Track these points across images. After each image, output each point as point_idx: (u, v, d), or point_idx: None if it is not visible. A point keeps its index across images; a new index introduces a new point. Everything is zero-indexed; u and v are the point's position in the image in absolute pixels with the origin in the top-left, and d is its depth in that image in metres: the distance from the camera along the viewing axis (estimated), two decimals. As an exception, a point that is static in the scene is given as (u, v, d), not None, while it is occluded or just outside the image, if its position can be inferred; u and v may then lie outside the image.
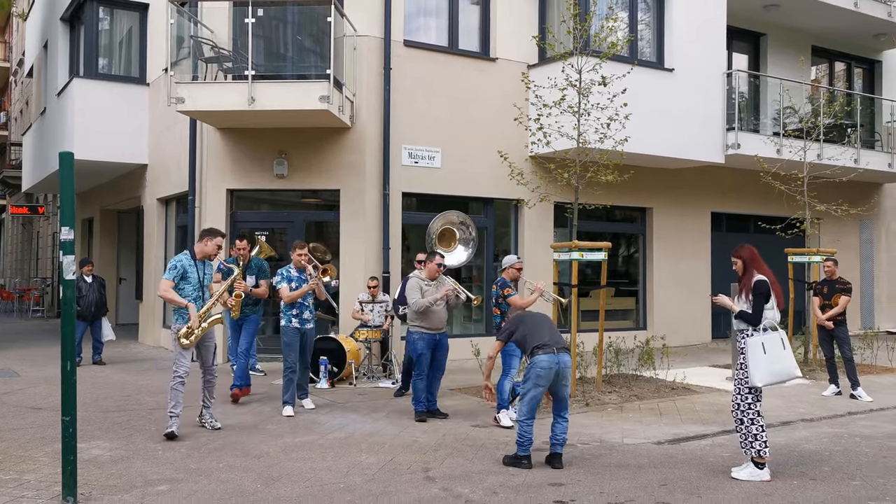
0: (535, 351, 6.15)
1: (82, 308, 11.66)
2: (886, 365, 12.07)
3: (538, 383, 6.09)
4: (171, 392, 7.11)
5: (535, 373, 6.09)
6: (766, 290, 5.96)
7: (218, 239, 7.34)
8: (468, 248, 9.41)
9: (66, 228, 5.24)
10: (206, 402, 7.50)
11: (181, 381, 7.13)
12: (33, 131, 19.21)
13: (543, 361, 6.09)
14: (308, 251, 8.43)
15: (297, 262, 8.31)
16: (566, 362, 6.17)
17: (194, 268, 7.23)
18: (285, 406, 8.11)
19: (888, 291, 18.86)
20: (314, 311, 8.59)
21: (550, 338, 6.24)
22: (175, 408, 7.11)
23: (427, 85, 12.59)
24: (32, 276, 28.94)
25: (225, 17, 11.64)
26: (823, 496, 5.51)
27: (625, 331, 13.52)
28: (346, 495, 5.44)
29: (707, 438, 7.31)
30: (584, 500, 5.39)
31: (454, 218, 9.43)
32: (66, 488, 5.18)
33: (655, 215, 15.07)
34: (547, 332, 6.31)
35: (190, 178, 12.61)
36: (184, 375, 7.13)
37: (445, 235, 9.27)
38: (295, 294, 8.17)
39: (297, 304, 8.22)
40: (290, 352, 8.18)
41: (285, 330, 8.24)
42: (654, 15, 13.86)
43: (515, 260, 8.14)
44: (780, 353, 5.87)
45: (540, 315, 6.71)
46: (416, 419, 7.87)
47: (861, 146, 15.87)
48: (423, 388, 8.01)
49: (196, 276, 7.21)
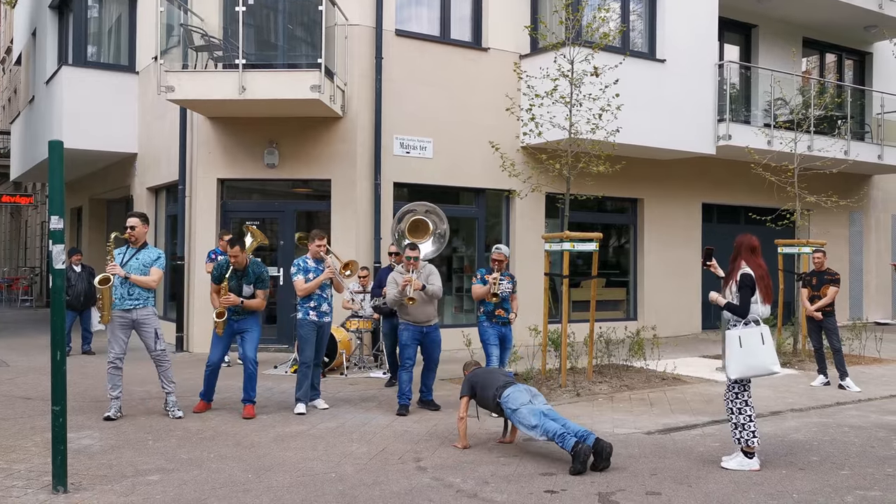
0: (498, 392, 6.31)
1: (71, 298, 11.61)
2: (874, 355, 12.16)
3: (535, 412, 6.13)
4: (107, 375, 7.39)
5: (525, 411, 6.13)
6: (751, 284, 5.98)
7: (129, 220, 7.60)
8: (437, 241, 9.05)
9: (56, 217, 5.21)
10: (164, 387, 7.56)
11: (113, 365, 7.36)
12: (22, 120, 19.06)
13: (516, 394, 6.26)
14: (328, 242, 8.05)
15: (314, 253, 7.94)
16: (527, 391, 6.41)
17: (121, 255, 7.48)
18: (297, 403, 7.78)
19: (876, 282, 18.98)
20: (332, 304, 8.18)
21: (503, 379, 6.49)
22: (112, 390, 7.35)
23: (419, 75, 12.55)
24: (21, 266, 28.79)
25: (215, 4, 11.54)
26: (812, 485, 5.55)
27: (615, 321, 13.56)
28: (337, 485, 5.45)
29: (697, 428, 7.34)
30: (574, 489, 5.41)
31: (418, 208, 9.08)
32: (56, 478, 5.17)
33: (646, 206, 15.10)
34: (499, 376, 6.56)
35: (180, 167, 12.55)
36: (115, 360, 7.33)
37: (419, 227, 9.00)
38: (309, 286, 7.81)
39: (315, 296, 7.88)
40: (305, 346, 7.85)
41: (301, 323, 7.90)
42: (646, 5, 13.85)
43: (497, 249, 8.27)
44: (756, 348, 5.90)
45: (486, 370, 6.91)
46: (398, 413, 7.76)
47: (851, 138, 15.94)
48: (409, 381, 7.88)
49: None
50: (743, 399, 6.01)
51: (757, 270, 6.04)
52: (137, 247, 7.53)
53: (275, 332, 12.31)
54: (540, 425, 5.98)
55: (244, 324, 7.72)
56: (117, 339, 7.38)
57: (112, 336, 7.38)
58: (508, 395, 6.27)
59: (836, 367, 9.64)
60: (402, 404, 7.84)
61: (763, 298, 6.02)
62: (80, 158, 15.40)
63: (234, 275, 7.71)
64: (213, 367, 7.76)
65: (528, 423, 6.06)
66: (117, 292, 7.36)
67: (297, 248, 12.23)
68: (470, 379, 6.66)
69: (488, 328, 8.19)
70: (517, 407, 6.17)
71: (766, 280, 6.05)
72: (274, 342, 12.20)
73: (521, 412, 6.13)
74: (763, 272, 6.05)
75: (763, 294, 6.01)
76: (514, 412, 6.19)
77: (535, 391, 6.42)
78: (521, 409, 6.14)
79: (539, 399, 6.31)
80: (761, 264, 6.08)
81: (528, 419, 6.06)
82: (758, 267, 6.05)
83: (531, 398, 6.25)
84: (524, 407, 6.15)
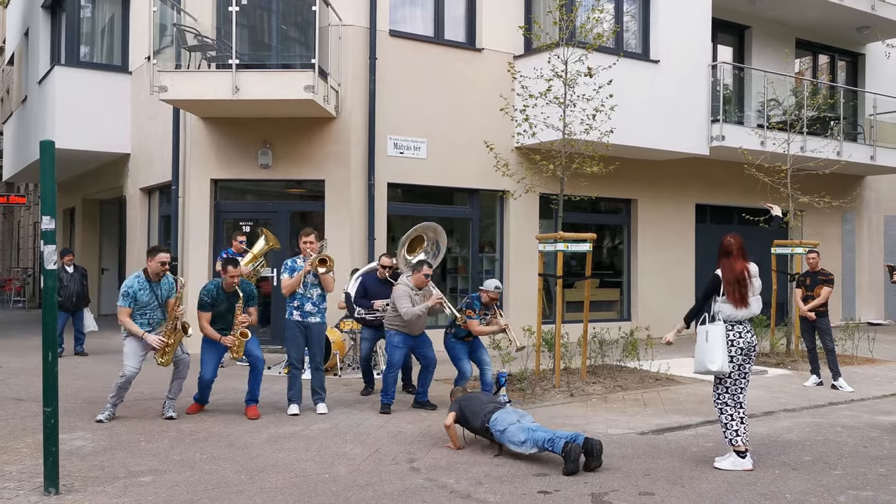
0: (487, 417, 6.30)
1: (63, 298, 11.56)
2: (867, 356, 12.19)
3: (522, 429, 6.13)
4: (114, 386, 7.31)
5: (513, 429, 6.11)
6: (714, 284, 6.06)
7: (161, 255, 7.28)
8: (432, 249, 9.08)
9: (47, 218, 5.19)
10: (170, 395, 7.54)
11: (126, 380, 7.22)
12: (14, 120, 18.99)
13: (503, 416, 6.25)
14: (315, 238, 7.77)
15: (303, 251, 7.73)
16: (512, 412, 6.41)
17: (146, 290, 7.25)
18: (290, 404, 7.72)
19: (869, 283, 19.03)
20: (323, 302, 7.89)
21: (491, 405, 6.48)
22: (114, 398, 7.31)
23: (413, 75, 12.54)
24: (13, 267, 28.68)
25: (208, 4, 11.51)
26: (805, 485, 5.56)
27: (609, 322, 13.57)
28: (330, 486, 5.44)
29: (690, 429, 7.35)
30: (567, 490, 5.41)
31: (430, 233, 9.06)
32: (47, 480, 5.14)
33: (640, 207, 15.12)
34: (486, 402, 6.54)
35: (173, 167, 12.52)
36: (129, 375, 7.21)
37: (414, 242, 8.96)
38: (287, 283, 7.66)
39: (298, 295, 7.69)
40: (290, 347, 7.72)
41: (286, 324, 7.78)
42: (639, 6, 13.87)
43: (493, 287, 7.94)
44: (701, 345, 5.96)
45: (472, 396, 6.79)
46: (381, 411, 7.77)
47: (844, 139, 15.98)
48: (394, 382, 7.87)
49: (146, 298, 7.25)
50: (724, 400, 6.04)
51: (727, 275, 6.01)
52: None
53: (268, 334, 12.28)
54: (529, 438, 6.02)
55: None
56: (136, 355, 7.28)
57: (131, 352, 7.23)
58: (496, 418, 6.29)
59: (829, 368, 9.67)
60: (385, 402, 7.84)
61: (731, 302, 5.97)
62: (72, 159, 15.35)
63: (224, 296, 7.60)
64: (209, 383, 7.67)
65: (518, 439, 6.08)
66: (157, 313, 7.36)
67: (292, 249, 12.25)
68: (459, 403, 6.65)
69: (456, 343, 8.09)
70: (505, 427, 6.19)
71: (740, 284, 5.95)
72: (268, 343, 12.17)
73: (509, 431, 6.15)
74: (733, 277, 5.97)
75: (730, 297, 5.97)
76: (502, 433, 6.20)
77: (523, 412, 6.45)
78: (509, 429, 6.16)
79: (527, 418, 6.33)
80: (734, 268, 6.00)
81: (517, 436, 6.09)
82: (729, 271, 6.01)
83: (519, 418, 6.28)
84: (512, 426, 6.17)
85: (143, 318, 7.28)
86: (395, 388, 7.91)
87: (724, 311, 6.01)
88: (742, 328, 5.99)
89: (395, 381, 7.91)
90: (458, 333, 8.06)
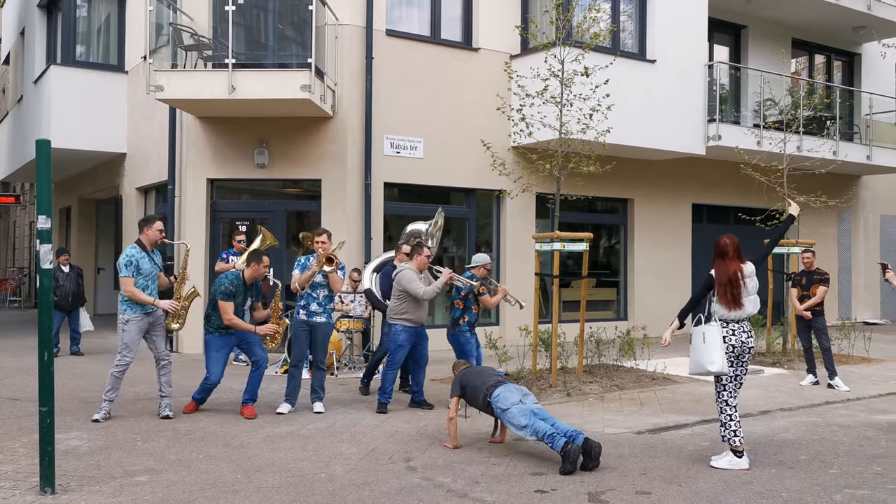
0: (489, 391, 6.31)
1: (59, 298, 11.54)
2: (863, 355, 12.22)
3: (525, 412, 6.12)
4: (110, 377, 7.26)
5: (515, 411, 6.12)
6: (707, 284, 6.10)
7: (157, 224, 7.39)
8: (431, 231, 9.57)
9: (43, 217, 5.18)
10: (162, 392, 7.47)
11: (122, 369, 7.23)
12: (10, 119, 18.95)
13: (506, 394, 6.26)
14: (327, 238, 7.76)
15: (315, 251, 7.76)
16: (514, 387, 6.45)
17: (146, 258, 7.29)
18: (283, 402, 7.77)
19: (865, 282, 19.07)
20: (330, 303, 7.88)
21: (494, 378, 6.50)
22: (110, 393, 7.27)
23: (409, 75, 12.54)
24: (9, 266, 28.63)
25: (205, 4, 11.49)
26: (801, 484, 5.57)
27: (606, 321, 13.56)
28: (327, 485, 5.43)
29: (687, 428, 7.36)
30: (564, 489, 5.41)
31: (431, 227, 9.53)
32: (43, 479, 5.13)
33: (637, 206, 15.13)
34: (489, 376, 6.57)
35: (169, 167, 12.49)
36: (125, 365, 7.23)
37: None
38: (298, 277, 7.70)
39: (305, 294, 7.72)
40: (294, 345, 7.80)
41: (294, 322, 7.90)
42: (636, 6, 13.88)
43: (487, 260, 8.41)
44: (698, 346, 5.96)
45: (475, 370, 6.89)
46: (378, 410, 7.77)
47: (840, 138, 16.01)
48: (393, 380, 7.88)
49: (148, 266, 7.29)
50: (723, 398, 6.04)
51: (720, 276, 6.02)
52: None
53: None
54: (530, 425, 5.98)
55: (243, 332, 7.62)
56: (136, 343, 7.28)
57: (132, 340, 7.22)
58: (499, 394, 6.27)
59: (825, 367, 9.68)
60: (382, 402, 7.84)
61: (724, 304, 5.98)
62: (68, 158, 15.32)
63: (243, 287, 7.61)
64: (215, 385, 7.65)
65: (519, 422, 6.06)
66: (156, 284, 7.42)
67: (290, 248, 12.24)
68: (460, 378, 6.66)
69: (472, 337, 8.28)
70: (507, 406, 6.17)
71: (732, 286, 5.95)
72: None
73: (511, 412, 6.13)
74: (726, 278, 5.98)
75: (721, 298, 5.99)
76: (504, 412, 6.19)
77: (526, 390, 6.43)
78: (511, 409, 6.14)
79: (530, 398, 6.31)
80: (728, 270, 6.00)
81: (519, 419, 6.06)
82: (722, 272, 6.02)
83: (521, 397, 6.26)
84: (514, 406, 6.15)
85: (146, 290, 7.27)
86: (392, 388, 7.91)
87: (719, 311, 6.02)
88: (736, 327, 6.00)
89: (394, 381, 7.92)
90: (470, 320, 8.22)
